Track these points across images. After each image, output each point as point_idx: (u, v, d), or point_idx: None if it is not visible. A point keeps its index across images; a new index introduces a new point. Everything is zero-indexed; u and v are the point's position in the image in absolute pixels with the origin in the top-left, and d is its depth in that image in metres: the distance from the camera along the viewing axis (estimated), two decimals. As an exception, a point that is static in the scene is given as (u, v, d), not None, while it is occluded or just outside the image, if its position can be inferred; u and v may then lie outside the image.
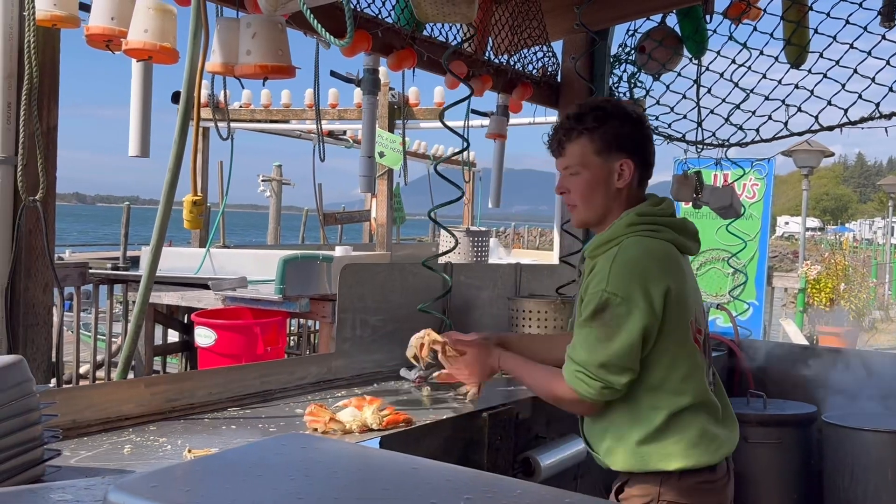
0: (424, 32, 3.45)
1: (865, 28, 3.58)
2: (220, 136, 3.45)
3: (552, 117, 4.75)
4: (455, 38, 3.59)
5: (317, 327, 7.78)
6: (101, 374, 6.91)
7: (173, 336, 7.30)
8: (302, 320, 7.83)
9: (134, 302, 5.76)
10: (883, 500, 3.59)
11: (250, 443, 1.60)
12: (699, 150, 4.40)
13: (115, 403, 2.25)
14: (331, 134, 8.79)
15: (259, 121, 8.32)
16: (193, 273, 6.26)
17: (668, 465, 2.12)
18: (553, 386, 2.21)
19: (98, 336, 7.03)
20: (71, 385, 6.01)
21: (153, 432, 2.21)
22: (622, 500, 2.20)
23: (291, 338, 8.00)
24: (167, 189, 2.41)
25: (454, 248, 3.82)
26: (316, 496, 1.11)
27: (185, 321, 6.91)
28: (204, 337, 5.28)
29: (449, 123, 3.57)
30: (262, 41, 2.42)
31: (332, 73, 4.15)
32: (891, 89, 3.48)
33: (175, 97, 6.07)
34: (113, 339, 7.17)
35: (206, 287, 5.71)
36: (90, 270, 6.01)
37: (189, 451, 2.01)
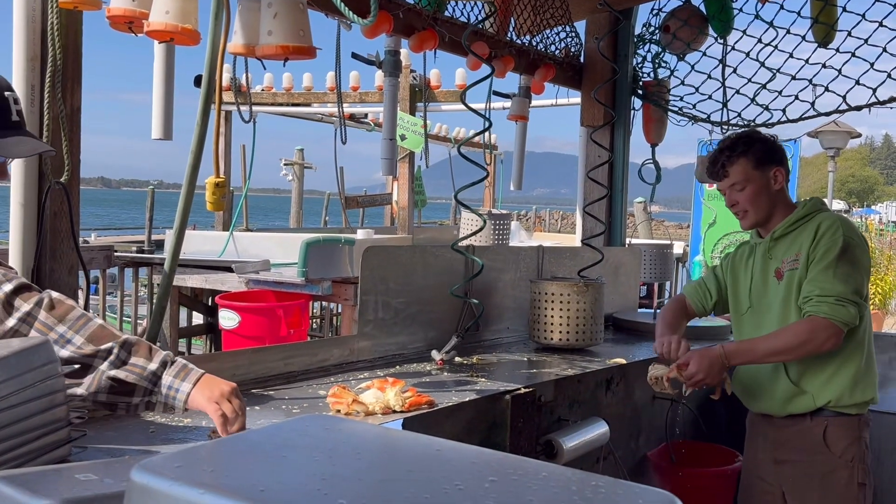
0: (446, 13, 3.43)
1: (896, 5, 3.51)
2: (242, 119, 3.46)
3: (574, 99, 4.70)
4: (477, 20, 3.56)
5: (339, 310, 7.80)
6: (126, 356, 6.97)
7: (198, 318, 7.36)
8: (324, 303, 7.86)
9: (159, 284, 5.80)
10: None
11: (274, 424, 1.60)
12: (724, 131, 4.33)
13: (140, 385, 2.26)
14: (352, 117, 8.79)
15: (281, 104, 8.34)
16: (217, 256, 6.30)
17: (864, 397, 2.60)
18: (800, 332, 2.53)
19: (123, 318, 7.10)
20: (97, 367, 6.06)
21: (177, 413, 2.21)
22: (830, 443, 2.59)
23: (314, 320, 8.03)
24: (189, 171, 2.41)
25: (481, 229, 3.81)
26: (340, 477, 1.11)
27: (210, 304, 6.96)
28: (228, 319, 5.31)
29: (470, 105, 3.54)
30: (284, 21, 2.41)
31: (354, 56, 4.13)
32: (922, 68, 3.42)
33: (198, 80, 6.07)
34: (138, 322, 7.24)
35: (229, 270, 5.75)
36: (115, 253, 6.06)
37: (213, 432, 2.01)
